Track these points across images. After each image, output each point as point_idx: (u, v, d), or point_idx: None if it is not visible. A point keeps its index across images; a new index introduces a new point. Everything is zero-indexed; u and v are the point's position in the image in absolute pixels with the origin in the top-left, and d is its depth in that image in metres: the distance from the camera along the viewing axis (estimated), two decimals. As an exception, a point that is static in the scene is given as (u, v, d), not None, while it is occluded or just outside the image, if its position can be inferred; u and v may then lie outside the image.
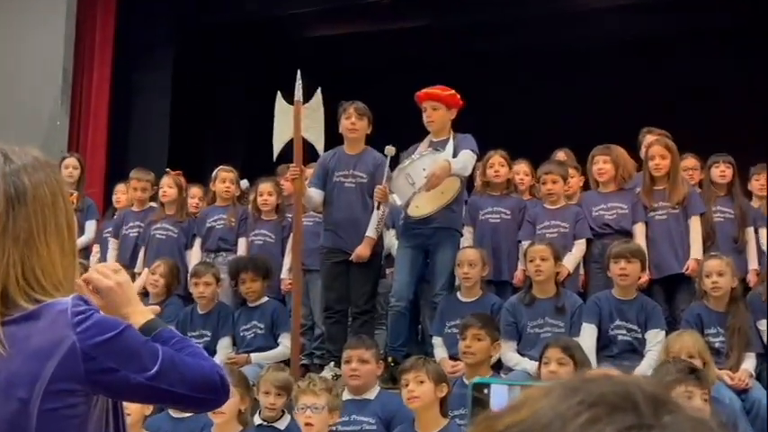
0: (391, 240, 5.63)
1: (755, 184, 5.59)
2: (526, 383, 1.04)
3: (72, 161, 6.44)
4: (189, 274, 5.55)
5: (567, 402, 0.69)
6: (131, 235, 6.10)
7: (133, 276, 5.52)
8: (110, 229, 6.27)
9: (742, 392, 4.36)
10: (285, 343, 5.15)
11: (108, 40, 7.76)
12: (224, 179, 6.01)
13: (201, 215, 6.06)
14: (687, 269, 4.97)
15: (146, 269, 5.43)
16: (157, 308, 1.89)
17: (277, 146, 5.03)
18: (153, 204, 6.23)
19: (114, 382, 1.50)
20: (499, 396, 0.95)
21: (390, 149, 5.03)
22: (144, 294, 5.30)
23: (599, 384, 0.71)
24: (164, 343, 1.60)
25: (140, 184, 6.23)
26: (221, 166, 6.14)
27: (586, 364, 3.98)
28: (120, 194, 6.53)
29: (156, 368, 1.52)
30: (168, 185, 6.03)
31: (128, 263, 5.87)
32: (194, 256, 5.89)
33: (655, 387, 0.71)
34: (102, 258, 6.05)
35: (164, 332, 1.65)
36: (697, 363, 4.00)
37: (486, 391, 0.95)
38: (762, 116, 6.91)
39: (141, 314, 1.68)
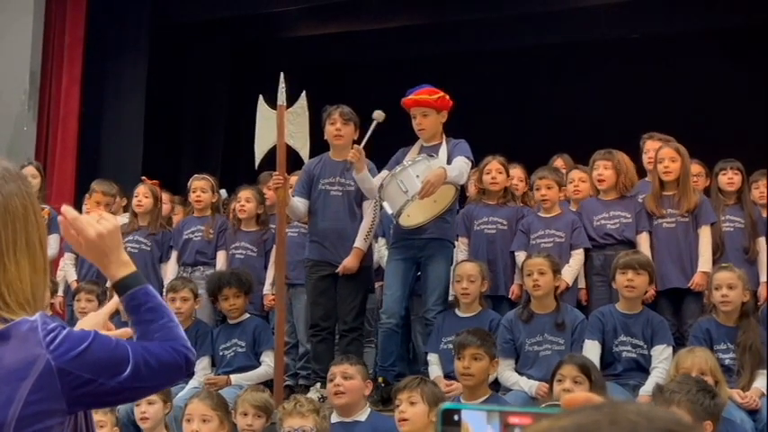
0: (381, 252, 5.38)
1: (755, 192, 5.38)
2: (504, 409, 0.86)
3: (31, 170, 6.06)
4: (165, 290, 5.24)
5: None
6: None
7: (105, 293, 5.21)
8: (65, 242, 5.91)
9: (754, 412, 4.15)
10: (268, 361, 4.93)
11: (78, 41, 7.46)
12: (195, 188, 5.69)
13: (178, 226, 5.77)
14: (692, 284, 4.74)
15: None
16: (130, 330, 1.80)
17: (259, 153, 4.77)
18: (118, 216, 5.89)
19: (91, 393, 1.48)
20: (478, 422, 0.84)
21: (379, 114, 4.68)
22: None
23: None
24: (137, 308, 1.62)
25: (105, 198, 5.84)
26: (195, 175, 5.85)
27: (602, 386, 3.76)
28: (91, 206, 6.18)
29: (128, 370, 1.51)
30: (144, 195, 5.71)
31: (93, 276, 5.56)
32: (170, 269, 5.59)
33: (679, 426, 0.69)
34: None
35: (139, 293, 1.64)
36: (708, 381, 3.80)
37: (456, 417, 0.85)
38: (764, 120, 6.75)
39: (121, 265, 1.67)
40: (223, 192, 6.02)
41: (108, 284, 5.37)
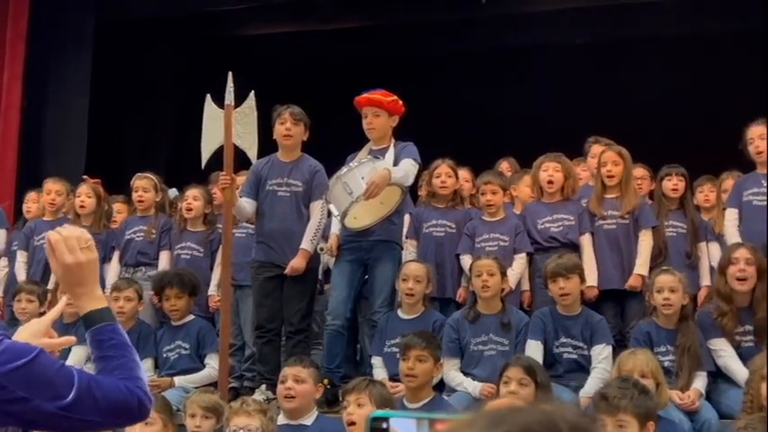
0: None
1: (700, 196, 5.50)
2: (432, 416, 0.93)
3: None
4: (109, 290, 5.15)
5: None
6: (45, 246, 5.61)
7: (46, 294, 5.10)
8: (17, 240, 5.78)
9: (692, 413, 4.23)
10: (212, 364, 4.88)
11: (20, 36, 7.31)
12: (137, 187, 5.60)
13: (121, 227, 5.67)
14: (627, 285, 4.82)
15: (64, 297, 4.96)
16: (73, 338, 1.79)
17: (206, 153, 4.72)
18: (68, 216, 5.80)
19: (26, 412, 1.41)
20: (407, 430, 0.89)
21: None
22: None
23: (524, 415, 0.75)
24: (100, 343, 1.56)
25: (56, 186, 5.77)
26: (138, 174, 5.77)
27: (547, 387, 3.80)
28: (32, 203, 6.06)
29: (70, 397, 1.43)
30: (86, 194, 5.60)
31: (40, 277, 5.44)
32: (112, 270, 5.49)
33: (579, 417, 0.76)
34: (10, 273, 5.58)
35: (106, 329, 1.59)
36: (650, 383, 3.87)
37: (384, 425, 0.89)
38: (706, 126, 6.91)
39: (92, 299, 1.63)
40: (173, 191, 5.94)
41: (50, 286, 5.32)
